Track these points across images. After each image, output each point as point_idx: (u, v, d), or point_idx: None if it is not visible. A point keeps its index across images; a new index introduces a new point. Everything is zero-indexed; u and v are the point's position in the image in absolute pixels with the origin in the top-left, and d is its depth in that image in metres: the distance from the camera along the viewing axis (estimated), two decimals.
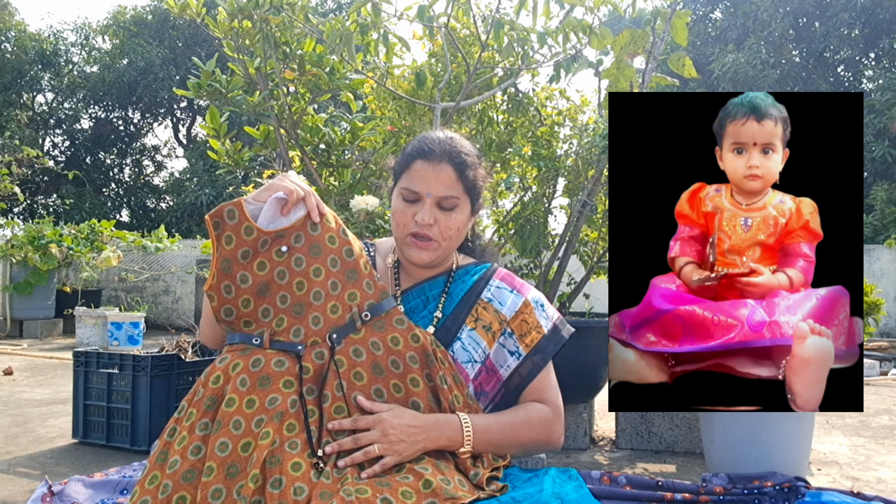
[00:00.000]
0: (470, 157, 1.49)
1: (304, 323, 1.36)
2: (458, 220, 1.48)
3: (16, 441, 2.87)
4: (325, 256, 1.40)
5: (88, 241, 7.67)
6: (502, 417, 1.41)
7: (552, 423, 1.45)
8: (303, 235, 1.40)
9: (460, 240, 1.53)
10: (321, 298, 1.37)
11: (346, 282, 1.40)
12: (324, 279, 1.38)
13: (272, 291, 1.37)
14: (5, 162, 8.90)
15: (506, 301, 1.51)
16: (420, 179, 1.46)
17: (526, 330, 1.49)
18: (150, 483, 1.24)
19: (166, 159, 19.12)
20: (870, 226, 10.00)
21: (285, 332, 1.35)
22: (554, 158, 3.05)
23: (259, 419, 1.25)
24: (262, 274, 1.37)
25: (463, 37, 3.41)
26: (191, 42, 16.01)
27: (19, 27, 16.51)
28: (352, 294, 1.40)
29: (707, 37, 14.34)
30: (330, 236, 1.42)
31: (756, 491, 1.99)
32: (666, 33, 2.93)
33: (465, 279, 1.54)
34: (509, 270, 1.64)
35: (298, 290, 1.37)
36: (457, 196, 1.47)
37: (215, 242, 1.37)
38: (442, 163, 1.46)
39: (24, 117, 15.90)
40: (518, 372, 1.46)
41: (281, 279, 1.37)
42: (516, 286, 1.55)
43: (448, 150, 1.47)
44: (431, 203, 1.45)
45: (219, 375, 1.31)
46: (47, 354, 5.93)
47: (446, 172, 1.45)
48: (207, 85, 2.81)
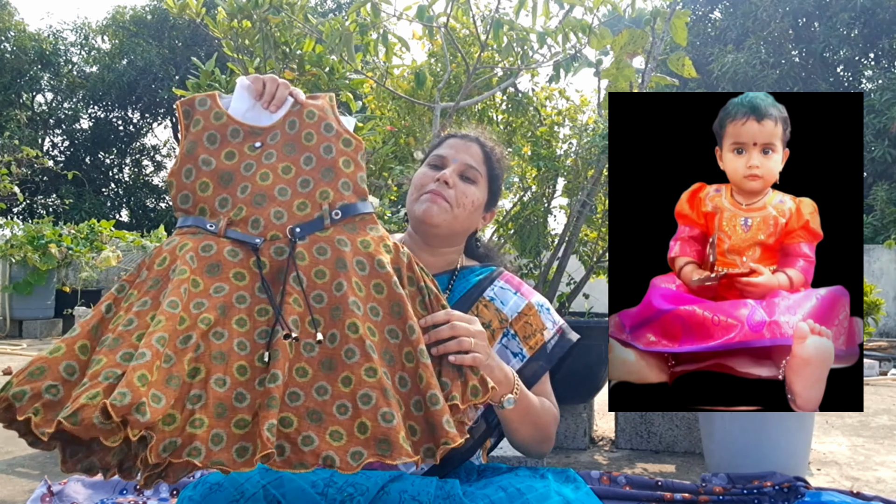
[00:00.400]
0: (498, 149, 1.58)
1: (264, 214, 1.22)
2: (476, 194, 1.50)
3: (15, 441, 2.86)
4: (298, 154, 1.28)
5: (88, 241, 7.67)
6: (530, 394, 1.37)
7: (556, 423, 1.45)
8: (279, 133, 1.29)
9: (471, 221, 1.52)
10: (287, 195, 1.24)
11: (320, 179, 1.26)
12: (293, 177, 1.26)
13: (235, 182, 1.25)
14: (5, 162, 8.90)
15: (508, 301, 1.50)
16: (450, 148, 1.52)
17: (530, 332, 1.47)
18: (81, 352, 1.10)
19: (166, 159, 19.16)
20: (870, 226, 10.00)
21: (243, 222, 1.21)
22: (553, 158, 3.05)
23: (198, 302, 1.12)
24: (230, 163, 1.26)
25: (462, 37, 3.41)
26: (190, 42, 16.01)
27: (19, 27, 16.51)
28: (324, 192, 1.26)
29: (706, 37, 14.35)
30: (307, 132, 1.29)
31: (756, 491, 1.99)
32: (665, 33, 2.93)
33: (469, 278, 1.53)
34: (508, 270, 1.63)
35: (262, 181, 1.25)
36: (480, 172, 1.51)
37: (184, 130, 1.28)
38: (473, 143, 1.53)
39: (24, 117, 15.90)
40: (522, 374, 1.46)
41: (247, 171, 1.25)
42: (520, 289, 1.54)
43: (479, 137, 1.56)
44: (456, 168, 1.49)
45: (165, 257, 1.18)
46: None
47: (475, 148, 1.52)
48: (207, 85, 2.81)
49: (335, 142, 1.29)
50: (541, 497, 1.23)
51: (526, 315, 1.49)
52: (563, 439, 2.91)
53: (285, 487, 1.21)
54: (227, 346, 1.11)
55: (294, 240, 1.21)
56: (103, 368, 1.04)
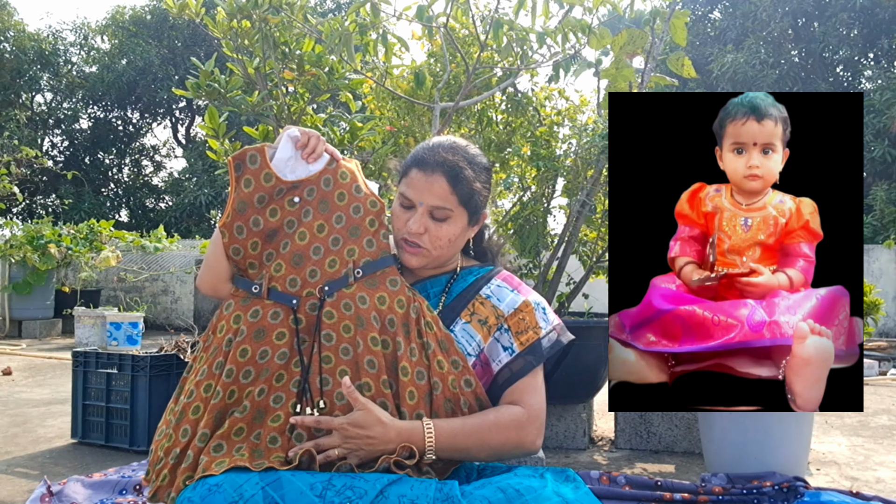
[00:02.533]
0: (467, 170, 1.48)
1: (301, 274, 1.44)
2: (450, 231, 1.49)
3: (15, 441, 2.86)
4: (331, 213, 1.47)
5: (87, 241, 7.66)
6: (470, 421, 1.40)
7: (524, 426, 1.42)
8: (315, 189, 1.47)
9: (455, 249, 1.54)
10: (320, 254, 1.45)
11: (348, 238, 1.46)
12: (325, 235, 1.45)
13: (278, 238, 1.46)
14: (4, 162, 8.90)
15: (504, 298, 1.51)
16: (414, 188, 1.48)
17: (523, 328, 1.48)
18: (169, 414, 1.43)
19: (165, 159, 19.13)
20: (869, 226, 10.00)
21: (282, 279, 1.44)
22: (553, 158, 3.05)
23: (247, 370, 1.38)
24: (274, 220, 1.46)
25: (462, 37, 3.40)
26: (190, 42, 16.00)
27: (18, 27, 16.49)
28: (350, 250, 1.45)
29: (706, 37, 14.34)
30: (340, 192, 1.48)
31: (755, 491, 2.00)
32: (665, 33, 2.93)
33: (467, 278, 1.55)
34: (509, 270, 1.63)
35: (300, 241, 1.45)
36: (449, 208, 1.47)
37: (234, 183, 1.46)
38: (435, 174, 1.46)
39: (23, 117, 15.89)
40: (509, 367, 1.46)
41: (289, 228, 1.46)
42: (517, 287, 1.55)
43: (443, 160, 1.47)
44: (423, 212, 1.47)
45: (223, 325, 1.44)
46: (46, 354, 5.93)
47: (439, 183, 1.46)
48: (206, 85, 2.81)
49: (363, 203, 1.48)
50: (539, 498, 1.23)
51: (521, 311, 1.50)
52: (562, 439, 2.91)
53: (284, 489, 1.21)
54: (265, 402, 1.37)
55: (324, 298, 1.42)
56: (172, 447, 1.36)
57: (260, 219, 1.46)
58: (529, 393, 1.46)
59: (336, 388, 1.38)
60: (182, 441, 1.36)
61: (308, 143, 1.49)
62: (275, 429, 1.35)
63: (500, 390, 1.47)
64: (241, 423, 1.35)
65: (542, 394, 1.48)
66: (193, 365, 1.46)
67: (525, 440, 1.44)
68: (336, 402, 1.37)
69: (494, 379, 1.47)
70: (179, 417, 1.39)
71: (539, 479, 1.31)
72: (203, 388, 1.39)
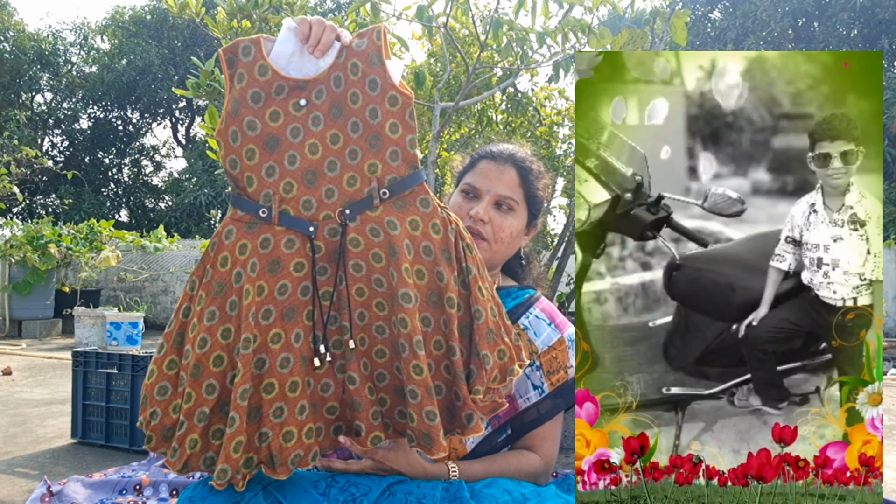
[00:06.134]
0: (535, 166, 1.52)
1: (315, 195, 1.22)
2: (513, 224, 1.47)
3: (15, 441, 2.86)
4: (345, 119, 1.23)
5: (87, 241, 7.67)
6: (494, 468, 1.37)
7: (539, 477, 1.43)
8: (325, 90, 1.23)
9: (512, 249, 1.50)
10: (336, 169, 1.23)
11: (368, 149, 1.23)
12: (341, 147, 1.23)
13: (281, 148, 1.22)
14: (4, 162, 8.90)
15: (541, 333, 1.47)
16: (482, 176, 1.47)
17: (555, 368, 1.45)
18: (168, 368, 1.22)
19: (165, 159, 19.14)
20: None
21: (294, 201, 1.22)
22: (553, 158, 3.05)
23: (266, 309, 1.19)
24: (275, 125, 1.22)
25: (462, 37, 3.41)
26: (190, 42, 16.01)
27: (18, 27, 16.50)
28: (372, 165, 1.23)
29: (706, 37, 14.35)
30: (353, 92, 1.23)
31: None
32: (665, 33, 2.93)
33: (506, 301, 1.48)
34: None
35: (311, 154, 1.22)
36: (515, 199, 1.47)
37: (228, 82, 1.24)
38: (506, 164, 1.48)
39: (23, 117, 15.90)
40: (537, 408, 1.43)
41: (294, 137, 1.22)
42: (555, 319, 1.50)
43: (514, 155, 1.50)
44: (489, 200, 1.45)
45: (226, 256, 1.21)
46: (46, 354, 5.93)
47: (509, 174, 1.47)
48: (206, 84, 2.81)
49: (380, 103, 1.23)
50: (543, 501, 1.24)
51: (555, 349, 1.46)
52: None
53: (286, 489, 1.21)
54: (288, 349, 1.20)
55: (345, 222, 1.22)
56: (195, 407, 1.17)
57: (256, 121, 1.21)
58: (549, 443, 1.45)
59: (374, 321, 1.22)
60: (209, 399, 1.17)
61: (312, 31, 1.21)
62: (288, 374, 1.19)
63: (523, 428, 1.45)
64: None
65: (558, 443, 1.48)
66: (191, 307, 1.22)
67: (538, 480, 1.44)
68: (377, 335, 1.23)
69: (520, 415, 1.45)
70: (196, 371, 1.17)
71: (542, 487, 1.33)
72: (221, 334, 1.19)
